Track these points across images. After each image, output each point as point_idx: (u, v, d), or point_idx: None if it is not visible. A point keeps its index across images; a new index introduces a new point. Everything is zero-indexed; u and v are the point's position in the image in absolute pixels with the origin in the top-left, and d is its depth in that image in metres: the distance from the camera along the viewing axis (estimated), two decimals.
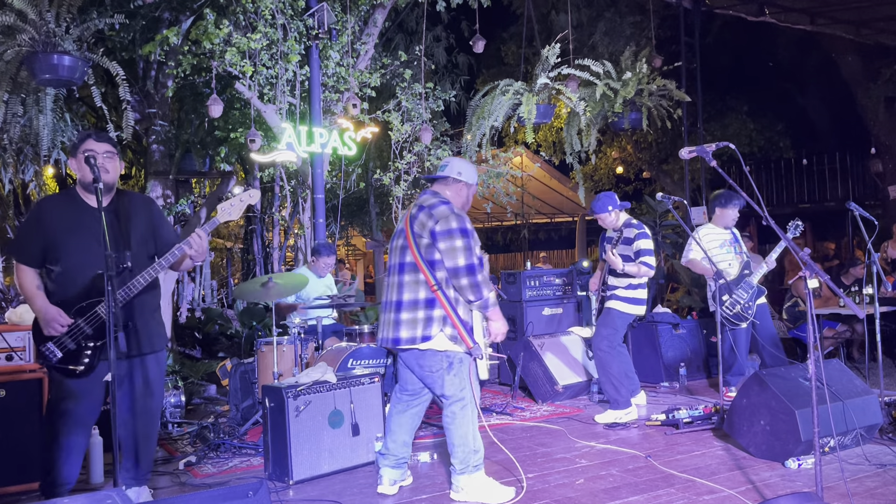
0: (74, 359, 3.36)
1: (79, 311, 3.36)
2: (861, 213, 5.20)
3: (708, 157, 3.34)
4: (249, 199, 3.57)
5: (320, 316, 5.91)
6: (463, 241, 3.55)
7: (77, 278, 3.40)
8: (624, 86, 8.42)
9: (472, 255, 3.56)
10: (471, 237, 3.60)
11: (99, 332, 3.37)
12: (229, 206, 3.51)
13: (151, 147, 7.97)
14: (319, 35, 7.14)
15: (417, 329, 3.60)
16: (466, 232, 3.58)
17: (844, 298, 6.47)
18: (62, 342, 3.35)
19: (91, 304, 3.37)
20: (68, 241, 3.41)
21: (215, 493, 2.49)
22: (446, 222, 3.58)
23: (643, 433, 4.97)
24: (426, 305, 3.60)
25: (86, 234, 3.42)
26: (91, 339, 3.38)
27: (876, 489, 3.66)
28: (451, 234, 3.56)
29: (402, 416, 3.89)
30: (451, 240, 3.55)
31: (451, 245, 3.55)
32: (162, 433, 5.28)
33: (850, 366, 6.18)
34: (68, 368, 3.36)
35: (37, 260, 3.44)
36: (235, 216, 3.54)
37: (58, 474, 3.43)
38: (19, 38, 5.32)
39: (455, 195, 3.77)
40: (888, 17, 9.53)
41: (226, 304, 11.07)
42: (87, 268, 3.39)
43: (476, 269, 3.56)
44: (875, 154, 13.10)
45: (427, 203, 3.67)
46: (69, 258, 3.41)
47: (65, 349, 3.35)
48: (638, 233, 5.40)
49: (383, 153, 10.80)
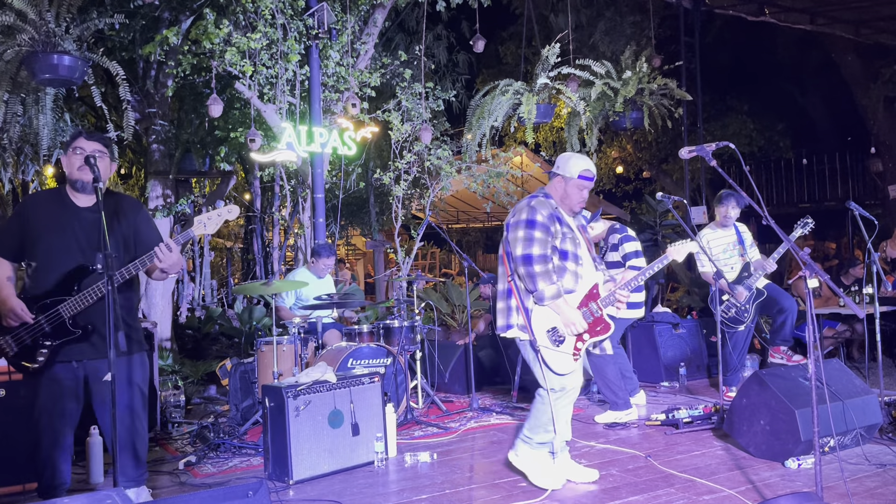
0: (29, 356, 3.32)
1: (41, 308, 3.32)
2: (861, 213, 5.19)
3: (708, 156, 3.33)
4: (228, 215, 3.44)
5: (320, 316, 5.91)
6: (525, 232, 3.59)
7: (50, 276, 3.36)
8: (624, 85, 8.43)
9: (531, 245, 3.57)
10: (536, 228, 3.59)
11: (57, 331, 3.32)
12: (206, 219, 3.40)
13: (151, 147, 7.97)
14: (319, 35, 7.14)
15: (503, 317, 3.77)
16: (532, 223, 3.60)
17: (844, 298, 6.46)
18: (20, 336, 3.31)
19: (54, 301, 3.32)
20: (47, 239, 3.40)
21: (215, 493, 2.49)
22: (518, 214, 3.67)
23: (643, 433, 4.97)
24: (506, 295, 3.75)
25: (65, 233, 3.40)
26: (49, 337, 3.32)
27: (876, 489, 3.66)
28: (517, 225, 3.64)
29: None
30: (516, 230, 3.64)
31: (514, 235, 3.64)
32: (162, 433, 5.28)
33: (850, 365, 6.18)
34: (22, 364, 3.33)
35: (12, 252, 3.43)
36: (211, 230, 3.42)
37: (51, 476, 3.40)
38: (19, 37, 5.32)
39: (553, 188, 3.79)
40: (888, 17, 9.53)
41: (226, 303, 11.07)
42: (62, 266, 3.36)
43: (532, 260, 3.55)
44: (875, 154, 13.10)
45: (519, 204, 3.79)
46: (45, 255, 3.39)
47: (21, 344, 3.31)
48: (621, 237, 5.44)
49: (383, 153, 10.81)
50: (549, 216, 3.66)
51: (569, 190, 3.75)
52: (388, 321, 5.77)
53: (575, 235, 3.76)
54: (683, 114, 9.97)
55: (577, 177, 3.72)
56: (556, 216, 3.70)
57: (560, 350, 3.66)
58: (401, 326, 5.66)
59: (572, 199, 3.76)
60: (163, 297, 7.88)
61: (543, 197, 3.76)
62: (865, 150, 13.72)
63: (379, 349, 5.37)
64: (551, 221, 3.65)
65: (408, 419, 5.36)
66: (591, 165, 3.77)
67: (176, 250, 3.36)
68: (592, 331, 3.72)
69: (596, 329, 3.73)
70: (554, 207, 3.72)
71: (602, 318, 3.74)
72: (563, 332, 3.66)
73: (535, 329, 3.65)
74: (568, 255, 3.69)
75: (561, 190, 3.77)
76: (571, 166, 3.73)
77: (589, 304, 3.73)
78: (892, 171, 12.78)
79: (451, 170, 8.84)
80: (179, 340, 8.39)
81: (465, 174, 9.25)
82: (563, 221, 3.72)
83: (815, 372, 3.01)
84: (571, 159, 3.77)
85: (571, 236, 3.73)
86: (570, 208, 3.78)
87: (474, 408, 5.76)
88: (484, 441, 4.93)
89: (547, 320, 3.66)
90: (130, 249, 3.53)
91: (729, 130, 14.16)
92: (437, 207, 10.75)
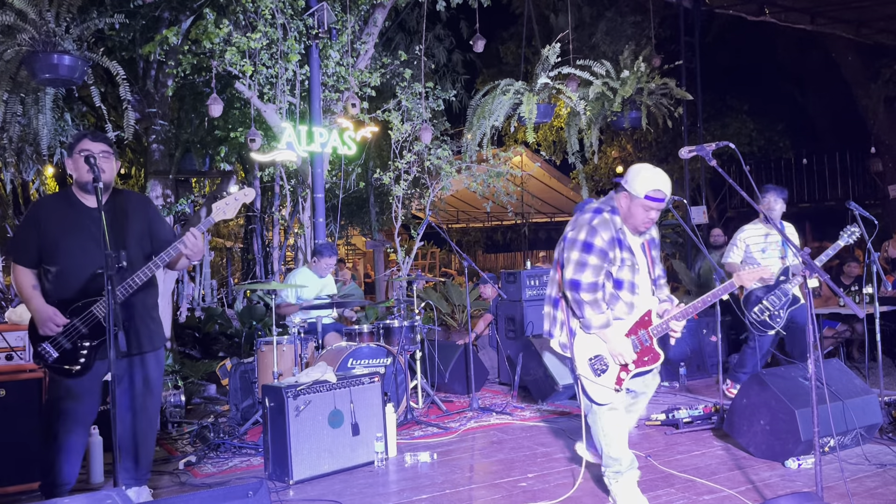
0: (70, 358, 3.36)
1: (74, 311, 3.37)
2: (861, 213, 5.19)
3: (708, 156, 3.33)
4: (245, 198, 3.55)
5: (320, 315, 5.91)
6: (579, 255, 3.36)
7: (74, 278, 3.40)
8: (623, 84, 8.43)
9: (582, 270, 3.35)
10: (592, 253, 3.34)
11: (95, 332, 3.37)
12: (224, 205, 3.50)
13: (151, 147, 7.97)
14: (319, 34, 7.14)
15: (547, 322, 3.65)
16: (589, 247, 3.35)
17: (844, 298, 6.43)
18: (58, 342, 3.35)
19: (87, 303, 3.37)
20: (65, 242, 3.42)
21: (215, 493, 2.49)
22: (577, 231, 3.42)
23: (643, 433, 4.97)
24: (553, 304, 3.62)
25: (83, 234, 3.42)
26: (87, 338, 3.38)
27: (876, 489, 3.66)
28: (574, 243, 3.40)
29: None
30: (571, 250, 3.41)
31: (569, 255, 3.42)
32: (162, 433, 5.28)
33: (850, 365, 6.18)
34: (64, 368, 3.36)
35: (33, 260, 3.45)
36: (231, 215, 3.53)
37: (57, 474, 3.43)
38: (19, 37, 5.32)
39: (619, 203, 3.44)
40: (888, 16, 9.54)
41: (226, 303, 11.07)
42: (84, 268, 3.40)
43: (580, 287, 3.34)
44: (875, 154, 13.11)
45: (586, 206, 3.54)
46: (66, 258, 3.41)
47: (60, 349, 3.35)
48: None
49: (383, 152, 10.81)
50: (610, 241, 3.37)
51: (633, 209, 3.39)
52: (387, 321, 5.77)
53: (635, 261, 3.46)
54: (683, 113, 9.98)
55: (644, 197, 3.32)
56: (618, 239, 3.40)
57: (600, 381, 3.46)
58: (401, 326, 5.66)
59: (636, 219, 3.41)
60: (163, 297, 7.87)
61: (610, 213, 3.43)
62: (865, 151, 13.72)
63: (379, 349, 5.36)
64: (611, 246, 3.38)
65: (408, 419, 5.36)
66: (661, 185, 3.33)
67: (200, 237, 3.46)
68: (640, 361, 3.48)
69: (643, 359, 3.49)
70: (618, 227, 3.42)
71: (651, 348, 3.49)
72: (608, 361, 3.45)
73: (577, 355, 3.48)
74: (623, 285, 3.44)
75: (626, 207, 3.41)
76: (638, 183, 3.34)
77: (639, 332, 3.48)
78: (892, 171, 12.79)
79: (451, 170, 8.84)
80: (179, 340, 8.38)
81: (465, 174, 9.26)
82: (623, 245, 3.42)
83: (815, 372, 3.01)
84: (640, 175, 3.35)
85: (631, 263, 3.44)
86: (634, 227, 3.45)
87: (474, 408, 5.76)
88: (484, 441, 4.93)
89: (590, 347, 3.48)
90: (146, 245, 3.60)
91: (729, 130, 14.17)
92: (437, 207, 10.77)
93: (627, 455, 3.53)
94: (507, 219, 18.63)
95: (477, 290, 9.33)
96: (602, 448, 3.55)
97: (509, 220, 18.51)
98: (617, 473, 3.52)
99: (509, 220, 19.22)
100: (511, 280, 7.06)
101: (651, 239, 3.59)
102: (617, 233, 3.41)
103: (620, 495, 3.50)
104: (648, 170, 3.37)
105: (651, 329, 3.48)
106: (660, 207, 3.37)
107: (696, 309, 3.45)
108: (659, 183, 3.32)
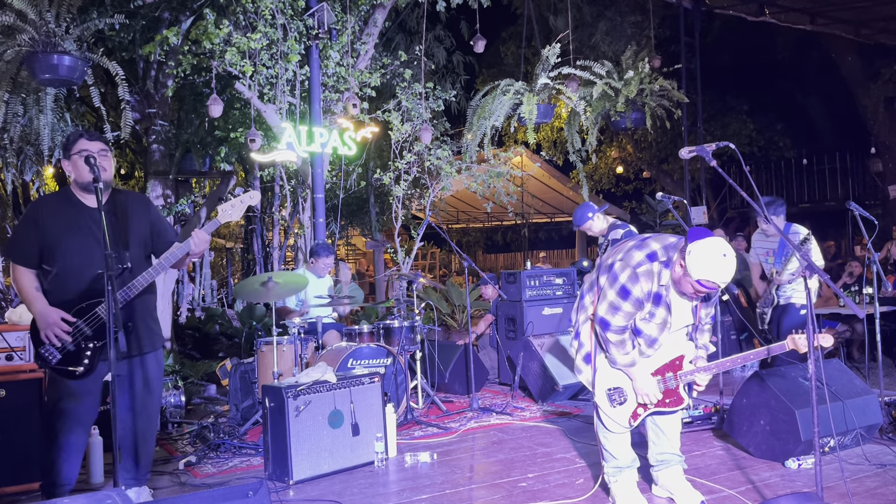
0: (74, 360, 3.35)
1: (78, 312, 3.35)
2: (861, 213, 5.19)
3: (708, 156, 3.33)
4: (250, 200, 3.57)
5: (320, 315, 5.91)
6: (615, 298, 3.28)
7: (75, 279, 3.38)
8: (626, 85, 8.43)
9: (615, 313, 3.28)
10: (628, 300, 3.25)
11: (98, 333, 3.36)
12: (230, 207, 3.51)
13: (151, 147, 7.97)
14: (319, 35, 7.14)
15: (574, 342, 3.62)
16: (627, 294, 3.25)
17: (844, 298, 6.45)
18: (62, 343, 3.35)
19: (91, 304, 3.36)
20: (66, 242, 3.40)
21: (215, 493, 2.49)
22: (623, 269, 3.27)
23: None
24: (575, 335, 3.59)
25: (83, 235, 3.41)
26: (91, 339, 3.36)
27: (876, 489, 3.66)
28: (614, 282, 3.28)
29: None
30: (610, 287, 3.30)
31: (606, 291, 3.33)
32: (162, 433, 5.28)
33: (850, 366, 6.18)
34: (68, 370, 3.35)
35: (33, 261, 3.42)
36: (236, 217, 3.55)
37: (57, 474, 3.42)
38: (19, 38, 5.32)
39: (676, 264, 3.22)
40: (888, 17, 9.54)
41: (226, 303, 11.07)
42: (86, 268, 3.38)
43: (609, 328, 3.30)
44: (875, 154, 13.12)
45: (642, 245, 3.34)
46: (67, 259, 3.39)
47: (64, 350, 3.34)
48: (624, 232, 5.39)
49: (383, 153, 10.81)
50: (648, 294, 3.26)
51: (683, 282, 3.20)
52: (388, 321, 5.77)
53: (668, 318, 3.33)
54: (683, 114, 9.98)
55: (696, 280, 3.13)
56: (657, 294, 3.27)
57: (614, 413, 3.47)
58: (401, 326, 5.66)
59: (683, 289, 3.25)
60: (163, 297, 7.88)
61: (662, 266, 3.26)
62: (865, 151, 13.74)
63: (379, 349, 5.36)
64: (648, 298, 3.27)
65: (408, 419, 5.36)
66: (718, 276, 3.09)
67: (206, 237, 3.47)
68: (661, 401, 3.45)
69: (665, 401, 3.45)
70: (662, 283, 3.26)
71: (676, 391, 3.43)
72: (627, 394, 3.45)
73: (597, 382, 3.48)
74: (641, 334, 3.37)
75: (679, 274, 3.21)
76: (697, 266, 3.09)
77: (666, 374, 3.44)
78: (892, 171, 12.79)
79: (451, 170, 8.84)
80: (179, 340, 8.39)
81: (465, 174, 9.26)
82: (661, 301, 3.28)
83: (816, 372, 3.00)
84: (704, 259, 3.08)
85: (662, 320, 3.32)
86: (680, 293, 3.30)
87: (474, 408, 5.76)
88: (484, 441, 4.93)
89: (611, 378, 3.47)
90: (149, 245, 3.60)
91: (729, 130, 14.18)
92: (437, 207, 10.76)
93: (628, 453, 3.56)
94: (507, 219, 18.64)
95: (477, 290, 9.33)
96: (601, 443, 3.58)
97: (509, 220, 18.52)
98: (616, 470, 3.56)
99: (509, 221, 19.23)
100: (511, 280, 7.06)
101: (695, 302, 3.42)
102: (659, 288, 3.28)
103: (619, 495, 3.53)
104: (715, 258, 3.09)
105: (680, 374, 3.43)
106: (708, 292, 3.24)
107: (723, 367, 3.43)
108: (717, 274, 3.09)
